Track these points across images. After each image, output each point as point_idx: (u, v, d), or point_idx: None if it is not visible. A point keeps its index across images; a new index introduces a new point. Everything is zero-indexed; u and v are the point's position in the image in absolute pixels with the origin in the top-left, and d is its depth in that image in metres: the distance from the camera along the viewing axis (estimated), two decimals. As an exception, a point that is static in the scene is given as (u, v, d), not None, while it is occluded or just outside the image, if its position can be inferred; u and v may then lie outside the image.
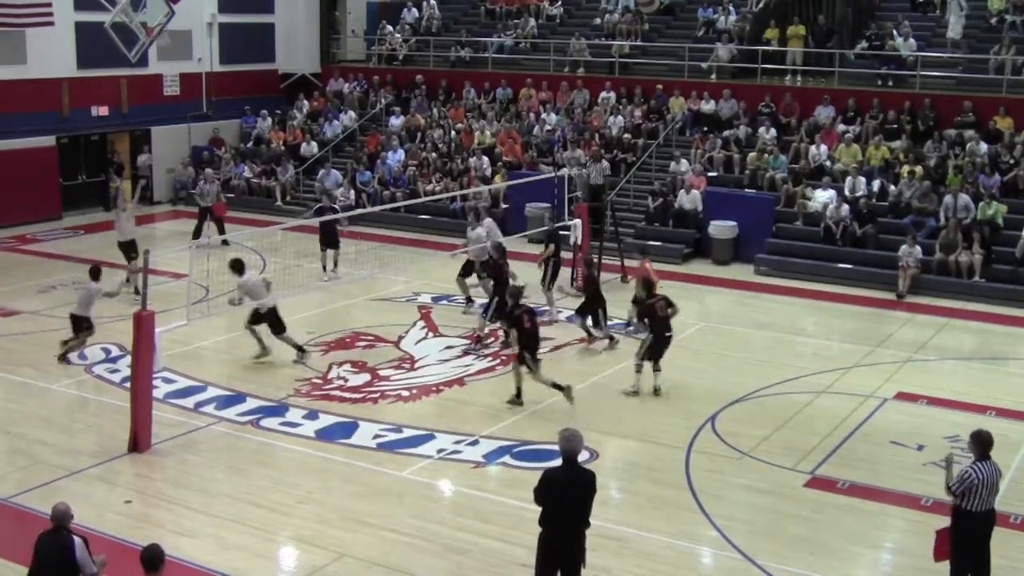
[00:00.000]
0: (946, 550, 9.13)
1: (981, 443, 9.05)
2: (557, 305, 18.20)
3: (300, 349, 15.84)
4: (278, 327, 15.71)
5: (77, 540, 7.95)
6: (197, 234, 22.88)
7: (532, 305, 15.21)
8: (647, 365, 14.56)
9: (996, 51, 24.69)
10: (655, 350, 14.53)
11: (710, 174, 24.54)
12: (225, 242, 21.34)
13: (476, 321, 17.19)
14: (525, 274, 18.18)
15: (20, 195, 25.04)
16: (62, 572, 7.88)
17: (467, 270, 18.50)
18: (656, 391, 14.57)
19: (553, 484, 8.52)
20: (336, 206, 21.18)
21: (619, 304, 17.63)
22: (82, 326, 15.59)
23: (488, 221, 19.07)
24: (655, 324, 14.51)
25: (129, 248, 19.29)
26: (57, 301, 18.85)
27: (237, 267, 15.85)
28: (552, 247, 18.48)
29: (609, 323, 16.93)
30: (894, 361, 16.55)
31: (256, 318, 15.68)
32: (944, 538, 9.16)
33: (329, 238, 20.51)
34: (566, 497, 8.50)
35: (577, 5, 32.19)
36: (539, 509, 8.60)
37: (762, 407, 14.45)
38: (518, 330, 14.00)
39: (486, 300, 17.27)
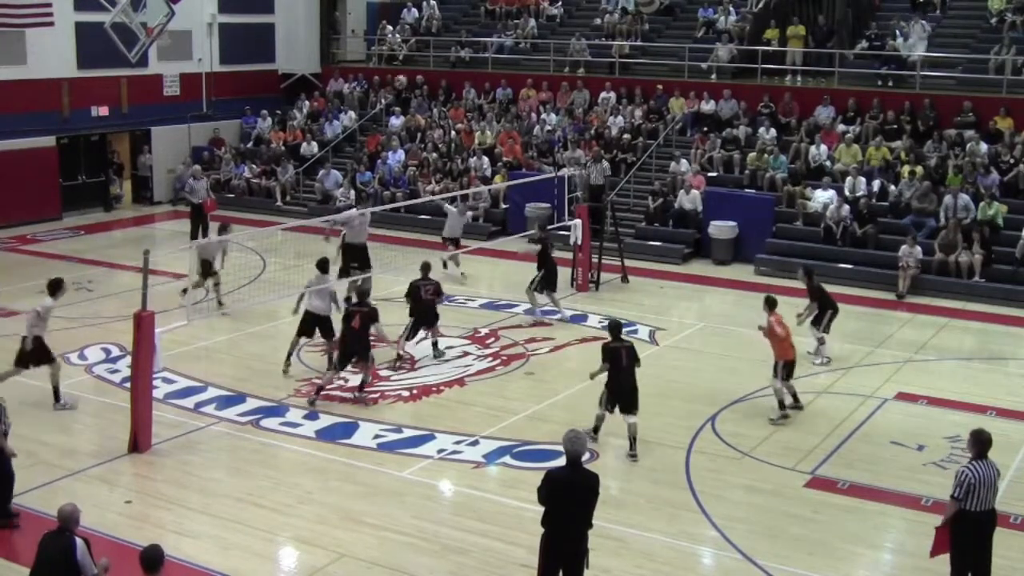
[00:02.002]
0: (944, 542, 9.12)
1: (980, 442, 9.06)
2: (563, 306, 18.19)
3: None
4: None
5: (79, 541, 7.97)
6: (194, 234, 22.85)
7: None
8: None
9: (996, 51, 24.70)
10: (831, 320, 16.33)
11: (710, 174, 24.54)
12: None
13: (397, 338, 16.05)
14: (521, 275, 18.16)
15: (20, 195, 25.03)
16: (62, 572, 7.90)
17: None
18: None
19: (556, 485, 8.54)
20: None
21: (616, 304, 17.62)
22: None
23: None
24: (831, 304, 16.29)
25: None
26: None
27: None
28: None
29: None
30: (894, 361, 16.55)
31: None
32: (943, 535, 9.16)
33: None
34: (569, 498, 8.51)
35: (577, 5, 32.17)
36: (541, 509, 8.62)
37: (762, 407, 14.44)
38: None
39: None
